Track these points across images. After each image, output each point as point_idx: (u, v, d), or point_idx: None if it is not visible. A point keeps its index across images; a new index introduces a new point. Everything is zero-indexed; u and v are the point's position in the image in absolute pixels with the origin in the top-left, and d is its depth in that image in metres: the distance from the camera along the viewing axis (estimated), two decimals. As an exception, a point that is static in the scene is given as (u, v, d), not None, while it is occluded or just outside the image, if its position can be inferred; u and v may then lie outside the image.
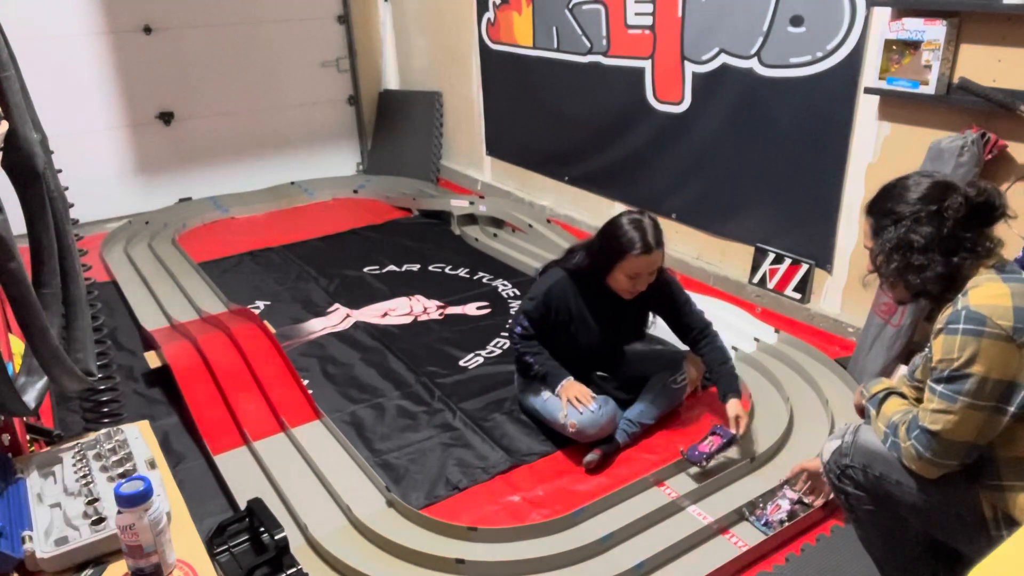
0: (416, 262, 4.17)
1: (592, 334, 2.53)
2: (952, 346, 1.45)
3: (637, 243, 2.27)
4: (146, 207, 4.93)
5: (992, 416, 1.44)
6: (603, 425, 2.42)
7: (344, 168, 5.77)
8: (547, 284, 2.48)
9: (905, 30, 2.53)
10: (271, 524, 1.85)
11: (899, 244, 1.57)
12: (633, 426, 2.52)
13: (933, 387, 1.49)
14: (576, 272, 2.46)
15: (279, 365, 2.89)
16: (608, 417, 2.44)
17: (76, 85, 4.58)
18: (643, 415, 2.55)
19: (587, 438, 2.43)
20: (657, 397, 2.58)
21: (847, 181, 2.95)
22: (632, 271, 2.32)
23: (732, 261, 3.55)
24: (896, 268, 1.58)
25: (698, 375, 2.65)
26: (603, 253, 2.36)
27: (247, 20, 5.06)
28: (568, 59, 4.12)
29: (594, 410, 2.41)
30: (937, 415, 1.47)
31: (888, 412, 1.63)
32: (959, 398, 1.44)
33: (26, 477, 1.47)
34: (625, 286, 2.37)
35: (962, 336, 1.43)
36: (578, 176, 4.33)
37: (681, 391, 2.61)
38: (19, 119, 1.34)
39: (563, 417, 2.43)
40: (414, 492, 2.32)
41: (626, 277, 2.34)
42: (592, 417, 2.40)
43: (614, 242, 2.31)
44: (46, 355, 1.34)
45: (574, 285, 2.47)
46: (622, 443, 2.49)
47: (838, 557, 2.04)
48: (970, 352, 1.42)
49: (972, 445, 1.47)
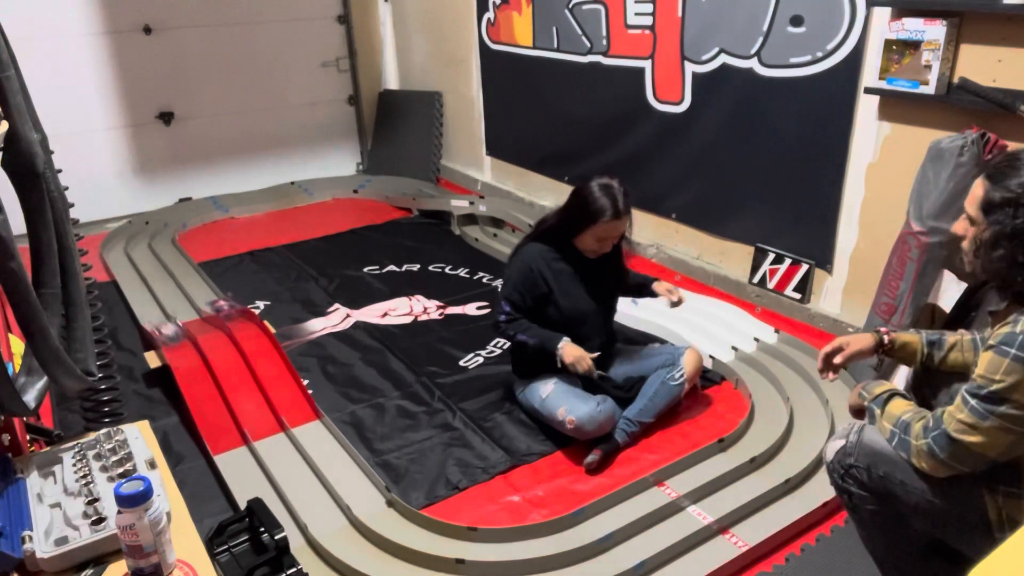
0: (416, 262, 4.17)
1: (575, 297, 2.57)
2: (998, 367, 1.40)
3: (608, 209, 2.41)
4: (146, 207, 4.93)
5: (1020, 440, 1.42)
6: (602, 422, 2.43)
7: (344, 168, 5.77)
8: (520, 260, 2.58)
9: (905, 30, 2.53)
10: (271, 524, 1.85)
11: (1015, 233, 1.43)
12: (632, 425, 2.52)
13: (967, 398, 1.45)
14: (546, 237, 2.57)
15: (279, 365, 2.89)
16: (607, 415, 2.44)
17: (76, 85, 4.58)
18: (642, 413, 2.55)
19: (586, 435, 2.43)
20: (655, 395, 2.57)
21: (847, 181, 2.95)
22: (601, 234, 2.47)
23: (732, 261, 3.55)
24: (1001, 257, 1.45)
25: (696, 371, 2.65)
26: (574, 217, 2.49)
27: (247, 20, 5.06)
28: (568, 59, 4.12)
29: (592, 408, 2.42)
30: (963, 427, 1.45)
31: (895, 411, 1.62)
32: (991, 418, 1.41)
33: (26, 477, 1.47)
34: (592, 247, 2.52)
35: (1011, 361, 1.39)
36: (578, 176, 4.32)
37: (679, 388, 2.60)
38: (19, 119, 1.34)
39: (561, 415, 2.44)
40: (414, 492, 2.32)
41: (594, 239, 2.49)
42: (590, 414, 2.41)
43: (585, 207, 2.44)
44: (46, 355, 1.34)
45: (546, 255, 2.56)
46: (621, 442, 2.49)
47: (838, 557, 2.04)
48: (1013, 380, 1.39)
49: (989, 459, 1.46)
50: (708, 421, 2.67)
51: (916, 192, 2.51)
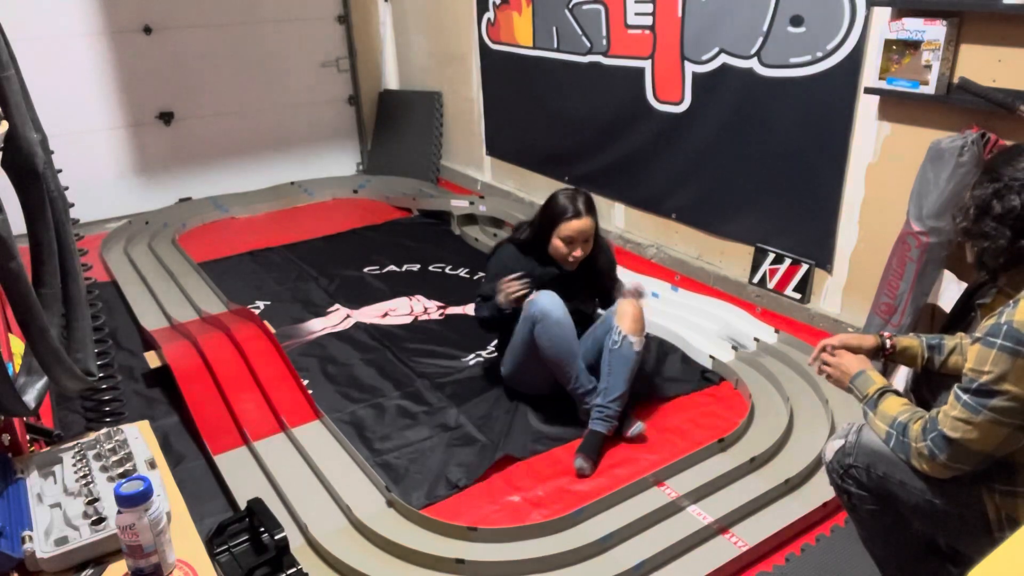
0: (416, 262, 4.17)
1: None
2: (986, 359, 1.41)
3: (568, 209, 2.58)
4: (146, 207, 4.93)
5: (1014, 433, 1.42)
6: (559, 304, 2.52)
7: (344, 168, 5.77)
8: (497, 257, 2.76)
9: (905, 30, 2.53)
10: (271, 524, 1.85)
11: (980, 204, 1.55)
12: (606, 409, 2.48)
13: (959, 394, 1.46)
14: (523, 245, 2.72)
15: (279, 365, 2.89)
16: (563, 310, 2.53)
17: (76, 85, 4.58)
18: (608, 393, 2.49)
19: (550, 324, 2.48)
20: (610, 368, 2.51)
21: (847, 181, 2.95)
22: (565, 234, 2.59)
23: (732, 261, 3.55)
24: (965, 227, 1.58)
25: (636, 320, 2.55)
26: (542, 224, 2.65)
27: (247, 20, 5.06)
28: (568, 59, 4.12)
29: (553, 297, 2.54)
30: (958, 423, 1.45)
31: (890, 411, 1.61)
32: (983, 411, 1.42)
33: (26, 477, 1.47)
34: (563, 251, 2.62)
35: (998, 352, 1.39)
36: (578, 176, 4.33)
37: (628, 347, 2.51)
38: (19, 119, 1.34)
39: (525, 308, 2.54)
40: (414, 492, 2.32)
41: (561, 243, 2.60)
42: (545, 296, 2.52)
43: (549, 212, 2.63)
44: (46, 355, 1.34)
45: (523, 257, 2.70)
46: (606, 431, 2.47)
47: (838, 557, 2.04)
48: (1001, 370, 1.39)
49: (988, 455, 1.46)
50: (708, 421, 2.67)
51: (916, 192, 2.51)
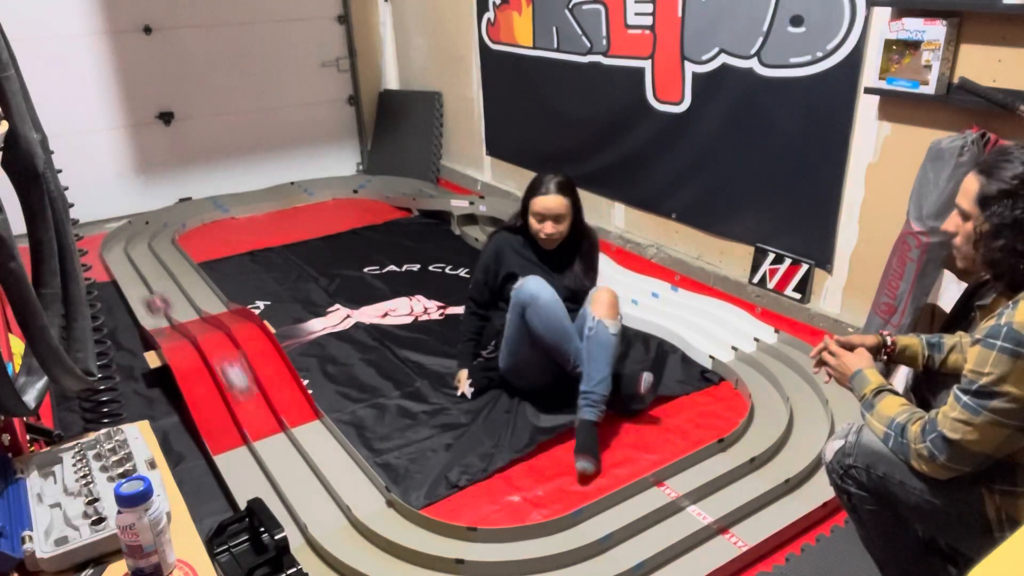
0: (416, 262, 4.17)
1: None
2: (986, 360, 1.41)
3: (540, 186, 2.70)
4: (146, 207, 4.93)
5: (1014, 434, 1.42)
6: (546, 286, 2.58)
7: (344, 168, 5.77)
8: (488, 245, 2.88)
9: (905, 30, 2.53)
10: (271, 524, 1.85)
11: (1015, 223, 1.46)
12: (592, 394, 2.49)
13: (959, 396, 1.46)
14: (513, 229, 2.84)
15: (279, 365, 2.89)
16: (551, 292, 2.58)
17: (76, 85, 4.58)
18: (591, 378, 2.50)
19: (539, 307, 2.53)
20: (589, 356, 2.52)
21: (847, 181, 2.95)
22: (535, 210, 2.71)
23: (732, 261, 3.55)
24: (1002, 247, 1.48)
25: (609, 306, 2.56)
26: (523, 202, 2.78)
27: (247, 20, 5.06)
28: (568, 59, 4.12)
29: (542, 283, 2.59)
30: (958, 424, 1.45)
31: (887, 412, 1.61)
32: (983, 413, 1.41)
33: (26, 477, 1.47)
34: (535, 227, 2.73)
35: (998, 353, 1.39)
36: (578, 176, 4.27)
37: (604, 333, 2.52)
38: (19, 119, 1.34)
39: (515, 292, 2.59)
40: (414, 492, 2.32)
41: (534, 219, 2.72)
42: (533, 280, 2.58)
43: (527, 189, 2.76)
44: (46, 355, 1.34)
45: (512, 241, 2.82)
46: (595, 418, 2.47)
47: (838, 557, 2.04)
48: (1001, 371, 1.39)
49: (988, 456, 1.46)
50: (708, 421, 2.67)
51: (916, 192, 2.51)
